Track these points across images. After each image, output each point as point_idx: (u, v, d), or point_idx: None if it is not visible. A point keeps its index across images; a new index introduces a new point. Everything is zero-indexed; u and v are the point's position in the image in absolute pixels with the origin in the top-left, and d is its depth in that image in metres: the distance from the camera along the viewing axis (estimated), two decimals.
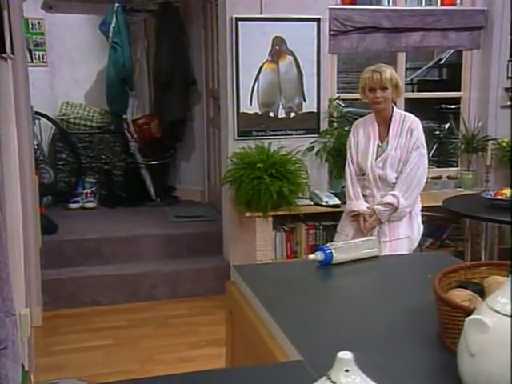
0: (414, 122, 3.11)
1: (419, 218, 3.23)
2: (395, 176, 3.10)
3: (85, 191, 5.24)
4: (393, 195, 3.07)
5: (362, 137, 3.16)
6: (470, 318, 0.90)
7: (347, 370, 0.74)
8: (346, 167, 3.22)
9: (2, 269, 1.92)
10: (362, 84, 3.10)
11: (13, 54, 2.37)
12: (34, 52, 5.31)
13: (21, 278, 2.64)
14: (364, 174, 3.15)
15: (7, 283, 1.92)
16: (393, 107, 3.14)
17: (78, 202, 5.22)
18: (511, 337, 0.84)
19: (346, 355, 0.75)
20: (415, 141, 3.07)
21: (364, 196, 3.17)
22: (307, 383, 0.78)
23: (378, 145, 3.12)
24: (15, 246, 2.46)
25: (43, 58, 5.39)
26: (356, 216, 3.15)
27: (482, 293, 1.21)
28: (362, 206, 3.12)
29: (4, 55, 2.20)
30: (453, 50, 5.68)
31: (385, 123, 3.12)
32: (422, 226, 3.24)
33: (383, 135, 3.13)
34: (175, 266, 4.27)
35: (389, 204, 3.06)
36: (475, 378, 0.90)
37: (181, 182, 5.72)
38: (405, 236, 3.10)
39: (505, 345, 0.85)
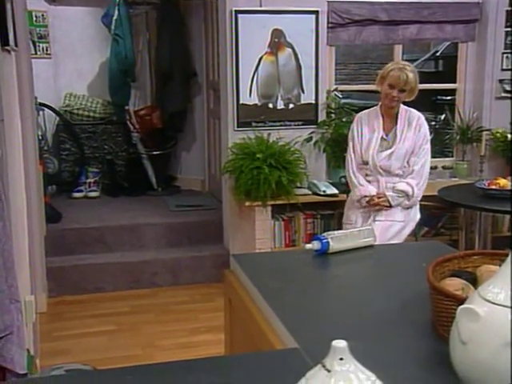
0: (421, 117, 3.14)
1: (417, 206, 3.24)
2: (399, 167, 3.11)
3: (88, 181, 5.24)
4: (407, 183, 3.11)
5: (366, 129, 3.15)
6: (461, 307, 0.90)
7: (341, 359, 0.74)
8: (348, 157, 3.21)
9: (7, 257, 1.92)
10: (384, 76, 3.05)
11: (16, 46, 2.35)
12: (37, 44, 5.29)
13: (26, 266, 2.64)
14: (366, 164, 3.15)
15: (12, 271, 1.92)
16: None
17: (81, 191, 5.21)
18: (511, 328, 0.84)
19: (340, 344, 0.75)
20: (424, 136, 3.11)
21: (368, 182, 3.18)
22: (303, 371, 0.78)
23: (383, 137, 3.12)
24: (20, 234, 2.46)
25: (47, 50, 5.37)
26: (369, 201, 3.13)
27: (474, 282, 1.21)
28: (371, 189, 3.13)
29: (7, 47, 2.19)
30: (448, 43, 5.65)
31: (390, 117, 3.12)
32: (418, 215, 3.25)
33: (388, 128, 3.13)
34: (176, 253, 4.28)
35: (402, 191, 3.10)
36: (466, 365, 0.90)
37: (182, 172, 5.71)
38: (399, 220, 3.13)
39: (495, 333, 0.85)
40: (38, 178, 3.77)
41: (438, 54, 6.85)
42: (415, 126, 3.10)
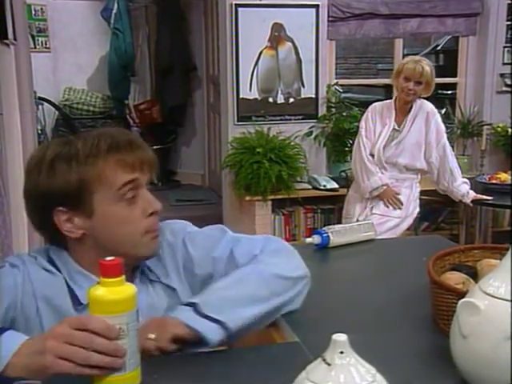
0: (433, 109, 3.12)
1: (417, 202, 3.24)
2: (406, 161, 3.10)
3: None
4: (465, 183, 3.19)
5: (378, 121, 3.13)
6: (462, 300, 0.90)
7: (342, 352, 0.74)
8: (360, 146, 3.13)
9: (7, 251, 1.93)
10: (400, 70, 3.04)
11: (15, 39, 2.34)
12: (36, 38, 5.27)
13: None
14: (372, 157, 3.13)
15: None
16: None
17: None
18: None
19: (340, 337, 0.75)
20: (437, 129, 3.08)
21: None
22: (303, 364, 0.78)
23: (395, 128, 3.10)
24: (20, 228, 2.46)
25: (46, 43, 5.35)
26: (385, 189, 3.11)
27: (475, 276, 1.21)
28: (386, 178, 3.12)
29: (6, 41, 2.18)
30: (449, 37, 5.63)
31: (404, 112, 3.10)
32: (417, 210, 3.25)
33: (400, 120, 3.11)
34: None
35: (468, 191, 3.18)
36: (467, 359, 0.90)
37: (182, 167, 5.72)
38: (396, 216, 3.12)
39: (496, 327, 0.85)
40: None
41: (438, 48, 6.83)
42: (426, 118, 3.08)
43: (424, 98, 3.15)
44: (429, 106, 3.11)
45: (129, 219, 1.06)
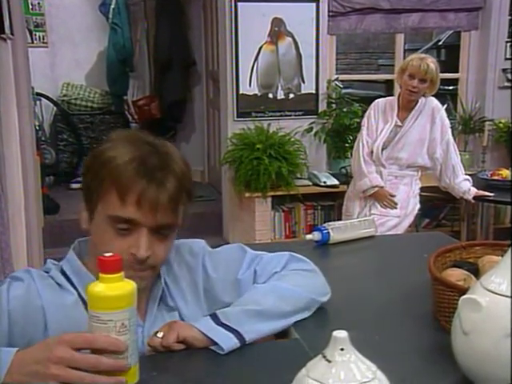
0: (438, 105, 3.11)
1: (417, 198, 3.23)
2: (407, 157, 3.09)
3: None
4: (467, 180, 3.17)
5: (381, 118, 3.13)
6: (464, 297, 0.90)
7: (342, 349, 0.74)
8: (359, 144, 3.15)
9: (5, 248, 1.93)
10: (404, 67, 3.03)
11: (12, 34, 2.34)
12: (34, 33, 5.25)
13: (23, 258, 2.64)
14: (371, 153, 3.13)
15: (9, 262, 1.93)
16: None
17: (79, 182, 5.19)
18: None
19: (341, 334, 0.75)
20: (442, 125, 3.08)
21: None
22: (303, 361, 0.78)
23: (397, 124, 3.09)
24: (17, 226, 2.46)
25: (43, 38, 5.34)
26: (377, 190, 3.11)
27: (476, 272, 1.21)
28: (380, 179, 3.11)
29: (3, 35, 2.18)
30: (451, 31, 5.62)
31: (408, 110, 3.09)
32: (418, 206, 3.24)
33: (403, 116, 3.10)
34: None
35: (469, 188, 3.16)
36: (468, 355, 0.90)
37: None
38: (395, 215, 3.12)
39: (498, 323, 0.85)
40: (35, 168, 3.75)
41: (440, 43, 6.81)
42: (432, 114, 3.07)
43: None
44: (434, 101, 3.10)
45: (112, 247, 0.98)
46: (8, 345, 0.95)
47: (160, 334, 1.00)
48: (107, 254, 0.87)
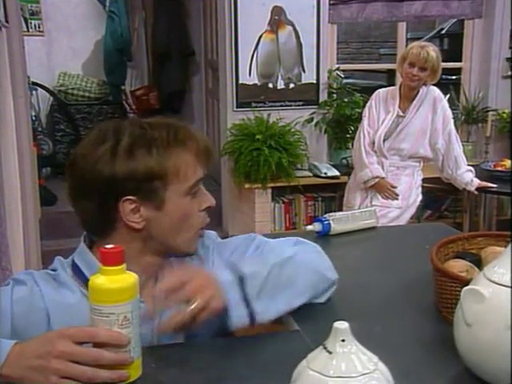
0: (440, 95, 3.11)
1: (419, 190, 3.23)
2: (409, 147, 3.09)
3: None
4: (470, 171, 3.18)
5: (382, 109, 3.12)
6: (466, 288, 0.90)
7: (343, 340, 0.74)
8: (360, 134, 3.15)
9: (1, 240, 1.93)
10: (405, 55, 3.03)
11: (7, 22, 2.33)
12: (29, 21, 5.22)
13: (20, 249, 2.64)
14: (373, 144, 3.13)
15: (6, 254, 1.93)
16: None
17: None
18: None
19: (342, 325, 0.75)
20: (444, 115, 3.08)
21: None
22: (304, 353, 0.78)
23: (399, 114, 3.09)
24: (14, 217, 2.46)
25: (39, 27, 5.31)
26: (378, 181, 3.11)
27: (479, 263, 1.21)
28: (381, 170, 3.11)
29: None
30: (454, 20, 5.60)
31: (409, 99, 3.08)
32: (420, 198, 3.25)
33: (405, 107, 3.09)
34: None
35: (472, 179, 3.17)
36: (470, 347, 0.90)
37: None
38: (397, 206, 3.12)
39: (500, 315, 0.85)
40: (32, 159, 3.75)
41: (443, 31, 6.79)
42: (433, 103, 3.07)
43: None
44: (436, 91, 3.09)
45: (192, 213, 1.07)
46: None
47: (194, 305, 0.93)
48: (108, 246, 0.87)
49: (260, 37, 4.02)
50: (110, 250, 0.86)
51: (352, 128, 4.12)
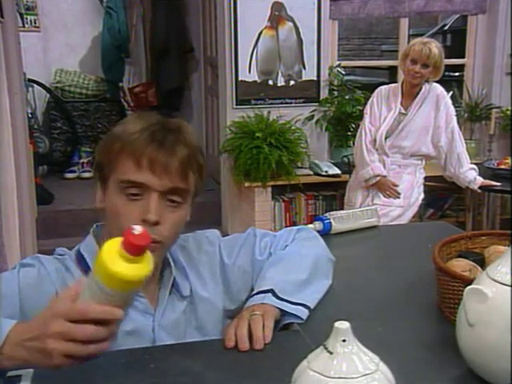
0: (443, 92, 3.10)
1: (421, 188, 3.23)
2: (411, 145, 3.09)
3: (81, 161, 5.23)
4: (473, 169, 3.16)
5: (384, 106, 3.12)
6: (469, 287, 0.90)
7: (344, 340, 0.74)
8: (362, 132, 3.15)
9: None
10: (407, 52, 3.02)
11: (2, 17, 2.33)
12: (25, 16, 5.21)
13: (16, 249, 2.65)
14: (374, 141, 3.12)
15: (1, 254, 1.93)
16: None
17: (74, 171, 5.20)
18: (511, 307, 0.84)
19: (343, 325, 0.75)
20: (447, 113, 3.07)
21: None
22: (304, 353, 0.78)
23: (401, 112, 3.09)
24: (10, 216, 2.46)
25: (35, 22, 5.30)
26: (377, 182, 3.11)
27: (482, 263, 1.21)
28: (382, 169, 3.11)
29: None
30: (457, 15, 5.60)
31: (411, 96, 3.08)
32: (422, 196, 3.25)
33: (407, 104, 3.09)
34: None
35: (475, 178, 3.15)
36: (473, 347, 0.90)
37: None
38: (398, 205, 3.12)
39: (504, 315, 0.85)
40: (28, 157, 3.75)
41: (446, 27, 6.78)
42: (436, 101, 3.06)
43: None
44: (438, 88, 3.09)
45: (123, 214, 1.04)
46: None
47: (258, 312, 1.07)
48: (136, 231, 0.80)
49: (260, 33, 4.02)
50: (136, 237, 0.80)
51: (353, 126, 4.12)
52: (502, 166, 3.53)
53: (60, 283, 1.06)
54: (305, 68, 4.15)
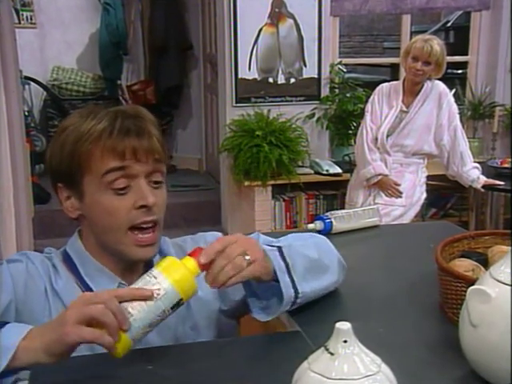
0: (445, 90, 3.10)
1: (423, 187, 3.23)
2: (413, 143, 3.09)
3: None
4: (476, 168, 3.16)
5: (385, 104, 3.12)
6: (472, 288, 0.90)
7: (345, 341, 0.74)
8: (363, 130, 3.15)
9: None
10: (408, 49, 3.03)
11: None
12: (21, 12, 5.20)
13: (13, 248, 2.65)
14: (376, 140, 3.12)
15: None
16: None
17: None
18: None
19: (344, 325, 0.75)
20: (449, 111, 3.07)
21: None
22: (305, 354, 0.78)
23: (402, 110, 3.09)
24: (6, 215, 2.46)
25: (31, 18, 5.29)
26: (381, 179, 3.11)
27: (485, 263, 1.21)
28: (384, 167, 3.11)
29: None
30: (461, 12, 5.59)
31: (413, 93, 3.08)
32: (424, 195, 3.25)
33: (409, 102, 3.09)
34: (172, 235, 4.26)
35: (478, 177, 3.15)
36: (476, 348, 0.90)
37: (177, 151, 5.70)
38: (400, 205, 3.12)
39: (507, 315, 0.85)
40: (24, 156, 3.75)
41: (449, 24, 6.78)
42: (439, 98, 3.06)
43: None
44: (441, 86, 3.09)
45: (114, 210, 1.04)
46: (15, 319, 1.00)
47: (247, 257, 0.97)
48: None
49: (260, 30, 4.02)
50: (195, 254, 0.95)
51: (354, 124, 4.12)
52: (506, 165, 3.53)
53: (48, 279, 1.08)
54: (305, 65, 4.15)
